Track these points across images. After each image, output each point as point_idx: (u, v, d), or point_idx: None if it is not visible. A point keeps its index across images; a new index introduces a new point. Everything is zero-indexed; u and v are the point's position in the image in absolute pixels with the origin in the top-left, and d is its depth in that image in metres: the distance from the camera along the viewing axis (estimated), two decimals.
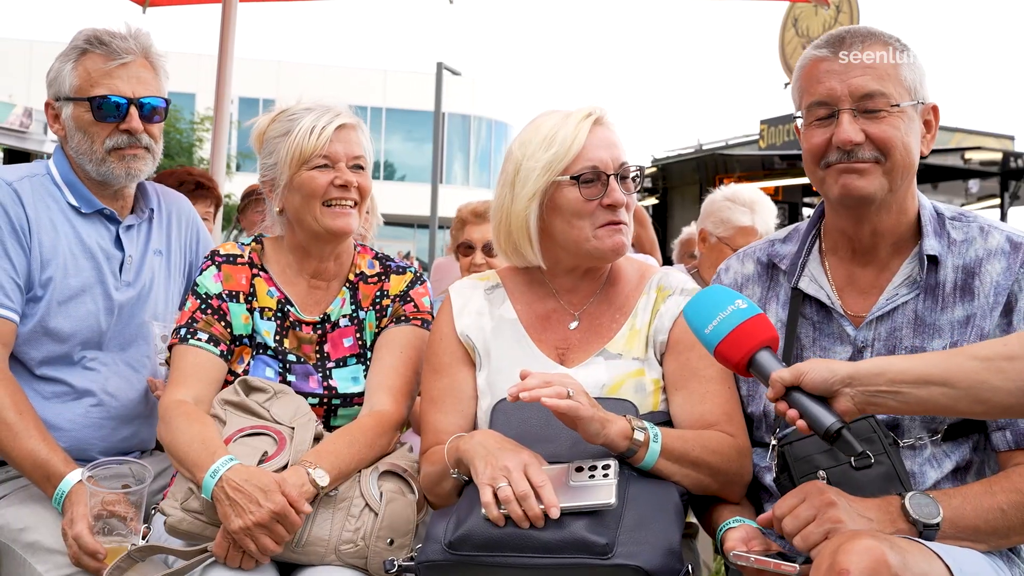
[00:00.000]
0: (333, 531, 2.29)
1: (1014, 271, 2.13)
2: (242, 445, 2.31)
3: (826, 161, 2.17)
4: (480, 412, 2.37)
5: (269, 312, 2.60)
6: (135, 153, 2.68)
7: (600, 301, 2.44)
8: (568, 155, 2.29)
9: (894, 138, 2.12)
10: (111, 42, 2.64)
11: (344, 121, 2.56)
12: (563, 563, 1.95)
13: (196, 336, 2.51)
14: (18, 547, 2.43)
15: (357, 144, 2.59)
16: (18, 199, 2.60)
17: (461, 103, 43.79)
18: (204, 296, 2.57)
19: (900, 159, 2.14)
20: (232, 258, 2.64)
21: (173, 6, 6.16)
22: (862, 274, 2.26)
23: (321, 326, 2.63)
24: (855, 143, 2.12)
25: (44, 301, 2.59)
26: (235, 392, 2.45)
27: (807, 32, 17.25)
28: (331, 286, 2.68)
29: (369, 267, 2.73)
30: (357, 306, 2.67)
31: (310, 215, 2.54)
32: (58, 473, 2.41)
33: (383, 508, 2.32)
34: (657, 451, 2.11)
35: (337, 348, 2.63)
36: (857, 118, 2.12)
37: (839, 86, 2.13)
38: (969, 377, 1.82)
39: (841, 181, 2.15)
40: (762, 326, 1.98)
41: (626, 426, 2.09)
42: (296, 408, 2.45)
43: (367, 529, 2.29)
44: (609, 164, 2.32)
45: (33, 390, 2.58)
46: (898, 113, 2.13)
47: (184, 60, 35.07)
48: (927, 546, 1.83)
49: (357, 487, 2.35)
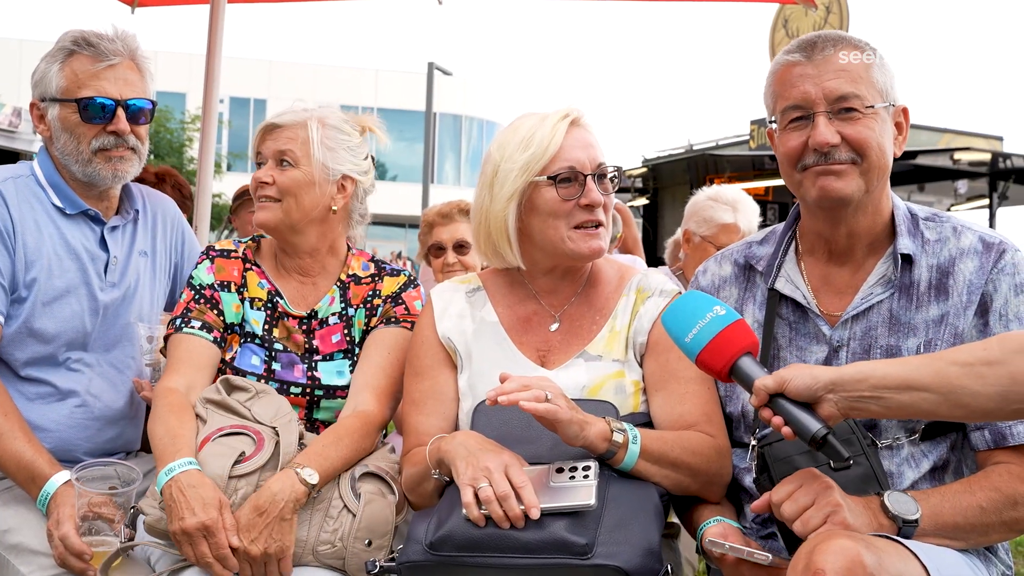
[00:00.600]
0: (311, 532, 2.29)
1: (986, 271, 2.15)
2: (220, 445, 2.31)
3: (803, 164, 2.19)
4: (462, 414, 2.37)
5: (259, 303, 2.66)
6: (121, 155, 2.69)
7: (580, 303, 2.45)
8: (545, 155, 2.31)
9: (869, 139, 2.14)
10: (99, 44, 2.65)
11: (286, 121, 2.65)
12: (543, 563, 1.96)
13: (190, 324, 2.58)
14: (1, 549, 2.43)
15: (284, 138, 2.64)
16: (2, 200, 2.60)
17: (452, 103, 43.79)
18: (198, 287, 2.64)
19: (876, 160, 2.16)
20: (226, 252, 2.72)
21: (162, 6, 6.16)
22: (838, 274, 2.28)
23: (308, 321, 2.66)
24: (831, 145, 2.13)
25: (28, 302, 2.59)
26: (217, 391, 2.46)
27: (797, 32, 17.30)
28: (319, 284, 2.71)
29: (363, 269, 2.76)
30: (347, 304, 2.70)
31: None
32: (43, 474, 2.41)
33: (361, 509, 2.32)
34: (636, 452, 2.12)
35: (325, 343, 2.66)
36: (832, 120, 2.14)
37: (813, 89, 2.15)
38: (950, 383, 1.84)
39: (819, 183, 2.17)
40: (742, 332, 1.99)
41: (605, 428, 2.10)
42: (277, 408, 2.45)
43: (345, 530, 2.30)
44: (586, 164, 2.33)
45: (17, 391, 2.58)
46: (872, 114, 2.15)
47: (175, 60, 35.05)
48: (904, 545, 1.86)
49: (336, 488, 2.35)
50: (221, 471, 2.24)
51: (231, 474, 2.24)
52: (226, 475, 2.24)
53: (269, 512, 2.20)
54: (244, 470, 2.26)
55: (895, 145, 2.22)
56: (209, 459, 2.27)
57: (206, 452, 2.29)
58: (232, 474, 2.25)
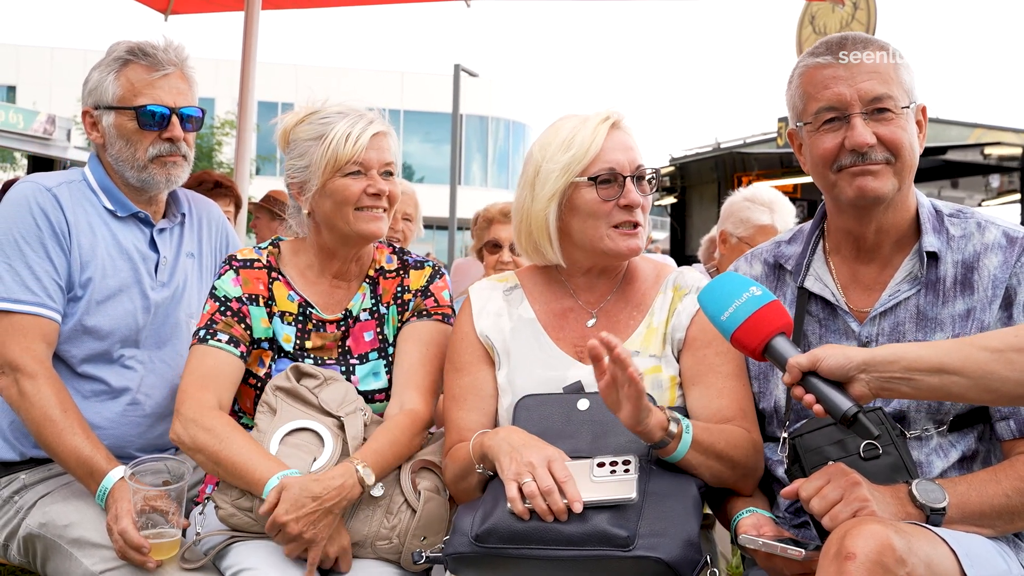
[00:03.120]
0: (372, 527, 2.37)
1: (1010, 265, 2.19)
2: (290, 447, 2.41)
3: (839, 164, 2.22)
4: (501, 410, 2.42)
5: (290, 316, 2.65)
6: (175, 160, 2.78)
7: (617, 299, 2.50)
8: (586, 157, 2.36)
9: (903, 139, 2.19)
10: (154, 53, 2.75)
11: (378, 129, 2.59)
12: (586, 555, 2.01)
13: (216, 337, 2.55)
14: (64, 542, 2.51)
15: (388, 151, 2.62)
16: (58, 203, 2.68)
17: (479, 104, 43.83)
18: (223, 299, 2.61)
19: (908, 158, 2.21)
20: (249, 263, 2.68)
21: (194, 14, 6.27)
22: (865, 271, 2.32)
23: (344, 322, 2.67)
24: (869, 145, 2.17)
25: (84, 300, 2.68)
26: (287, 378, 2.51)
27: (824, 29, 17.20)
28: (351, 285, 2.73)
29: (388, 262, 2.77)
30: (378, 301, 2.72)
31: (342, 220, 2.58)
32: (101, 470, 2.49)
33: (421, 507, 2.39)
34: (688, 443, 2.16)
35: (359, 343, 2.68)
36: (868, 121, 2.18)
37: (847, 91, 2.18)
38: (980, 367, 1.87)
39: (856, 183, 2.20)
40: (777, 312, 2.03)
41: (663, 417, 2.13)
42: (345, 394, 2.51)
43: (404, 527, 2.37)
44: (626, 166, 2.38)
45: (74, 389, 2.66)
46: (904, 114, 2.20)
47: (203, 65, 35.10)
48: (933, 531, 1.90)
49: (397, 485, 2.42)
50: (301, 470, 2.34)
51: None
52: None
53: (324, 500, 2.27)
54: (316, 471, 2.35)
55: (919, 142, 2.26)
56: (287, 463, 2.36)
57: (281, 455, 2.37)
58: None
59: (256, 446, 2.40)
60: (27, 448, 2.70)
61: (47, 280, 2.63)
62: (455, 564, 2.14)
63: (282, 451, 2.38)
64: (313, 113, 2.63)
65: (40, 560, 2.59)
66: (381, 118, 2.63)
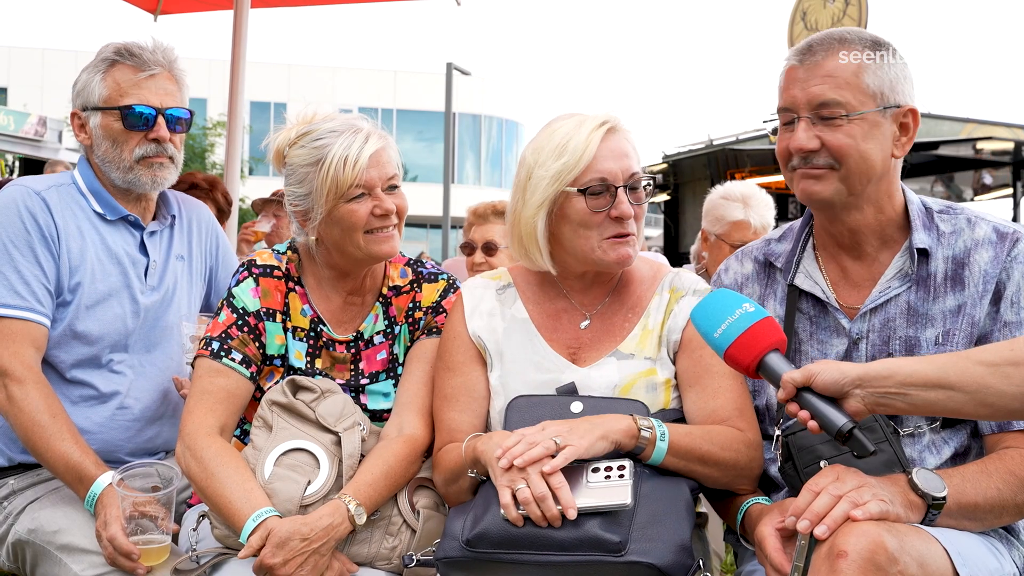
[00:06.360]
0: (371, 548, 2.34)
1: (1001, 260, 2.19)
2: (285, 468, 2.32)
3: (791, 165, 2.26)
4: (494, 411, 2.40)
5: (301, 332, 2.57)
6: (161, 162, 2.77)
7: (612, 301, 2.48)
8: (578, 166, 2.30)
9: (848, 146, 2.17)
10: (140, 54, 2.74)
11: (375, 146, 2.46)
12: (578, 560, 1.99)
13: (230, 355, 2.47)
14: (53, 548, 2.50)
15: (389, 163, 2.50)
16: (47, 207, 2.67)
17: (471, 103, 43.83)
18: (241, 311, 2.52)
19: (855, 166, 2.19)
20: (269, 270, 2.58)
21: (183, 14, 6.26)
22: (854, 268, 2.32)
23: (355, 344, 2.61)
24: (807, 150, 2.19)
25: (73, 305, 2.67)
26: (283, 392, 2.42)
27: (816, 25, 17.23)
28: (366, 300, 2.65)
29: (402, 276, 2.68)
30: (391, 321, 2.65)
31: (352, 245, 2.48)
32: (90, 476, 2.47)
33: (420, 526, 2.37)
34: (664, 448, 2.15)
35: (371, 362, 2.62)
36: (816, 125, 2.19)
37: (800, 94, 2.20)
38: (975, 382, 1.86)
39: (800, 185, 2.25)
40: (770, 329, 2.02)
41: (631, 425, 2.13)
42: (343, 407, 2.44)
43: (403, 547, 2.35)
44: (618, 175, 2.33)
45: (63, 394, 2.65)
46: (856, 121, 2.17)
47: (195, 66, 35.12)
48: (925, 530, 1.89)
49: (395, 505, 2.38)
50: (293, 495, 2.27)
51: (302, 503, 2.27)
52: (298, 502, 2.27)
53: (312, 541, 2.21)
54: (313, 499, 2.28)
55: (896, 146, 2.23)
56: (280, 487, 2.28)
57: (275, 477, 2.29)
58: (303, 503, 2.27)
59: (242, 479, 2.29)
60: (16, 453, 2.69)
61: (36, 285, 2.61)
62: (446, 568, 2.12)
63: (276, 472, 2.31)
64: (305, 134, 2.51)
65: (29, 566, 2.58)
66: (375, 128, 2.53)
